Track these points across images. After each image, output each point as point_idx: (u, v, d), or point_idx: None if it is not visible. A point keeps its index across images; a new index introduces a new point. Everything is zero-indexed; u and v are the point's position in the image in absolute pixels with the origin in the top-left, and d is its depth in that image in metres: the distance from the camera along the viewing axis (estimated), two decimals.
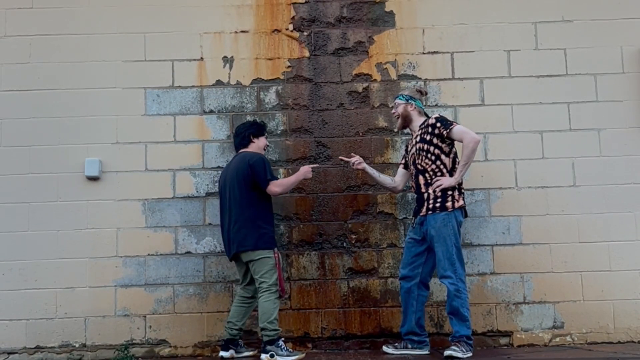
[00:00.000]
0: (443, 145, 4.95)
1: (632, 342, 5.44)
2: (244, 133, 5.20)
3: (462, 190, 4.99)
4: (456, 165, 4.98)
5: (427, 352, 5.02)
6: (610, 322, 5.47)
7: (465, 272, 5.01)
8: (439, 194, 4.90)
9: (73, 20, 5.72)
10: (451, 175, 4.95)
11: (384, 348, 5.15)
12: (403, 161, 5.32)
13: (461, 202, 4.92)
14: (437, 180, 4.92)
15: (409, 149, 5.18)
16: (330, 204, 5.61)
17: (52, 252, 5.49)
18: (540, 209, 5.59)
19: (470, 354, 4.74)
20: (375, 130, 5.68)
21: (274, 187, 5.01)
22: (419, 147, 4.99)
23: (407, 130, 5.31)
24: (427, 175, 4.97)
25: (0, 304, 5.43)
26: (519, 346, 5.44)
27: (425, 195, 4.96)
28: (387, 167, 5.62)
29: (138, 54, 5.71)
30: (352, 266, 5.55)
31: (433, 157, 4.95)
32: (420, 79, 5.72)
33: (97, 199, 5.56)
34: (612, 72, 5.71)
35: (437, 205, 4.89)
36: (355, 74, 5.74)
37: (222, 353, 5.06)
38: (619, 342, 5.44)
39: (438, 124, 4.94)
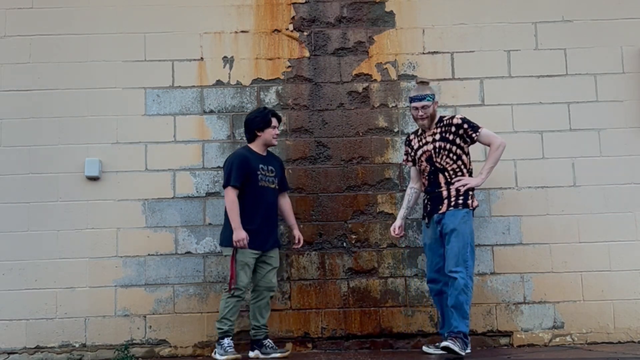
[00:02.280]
0: (465, 146, 4.96)
1: (632, 342, 5.44)
2: (249, 127, 5.17)
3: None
4: (471, 165, 5.00)
5: (469, 351, 4.87)
6: (610, 322, 5.47)
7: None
8: (462, 191, 4.89)
9: (73, 20, 5.72)
10: (470, 174, 4.97)
11: (424, 348, 5.15)
12: (410, 159, 5.18)
13: (476, 203, 4.95)
14: (461, 180, 4.89)
15: (417, 145, 5.08)
16: (330, 204, 5.61)
17: (52, 252, 5.49)
18: (540, 209, 5.59)
19: (466, 351, 4.73)
20: (375, 130, 5.68)
21: (225, 195, 5.02)
22: (440, 146, 4.95)
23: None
24: (446, 174, 4.94)
25: (0, 304, 5.43)
26: (519, 346, 5.44)
27: (445, 193, 4.92)
28: (387, 167, 5.62)
29: (138, 54, 5.71)
30: (352, 266, 5.55)
31: (455, 157, 4.94)
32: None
33: (97, 199, 5.56)
34: (612, 72, 5.71)
35: (460, 201, 4.87)
36: (355, 74, 5.74)
37: (250, 353, 5.08)
38: (619, 342, 5.44)
39: (465, 126, 4.93)
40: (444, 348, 4.68)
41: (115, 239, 5.52)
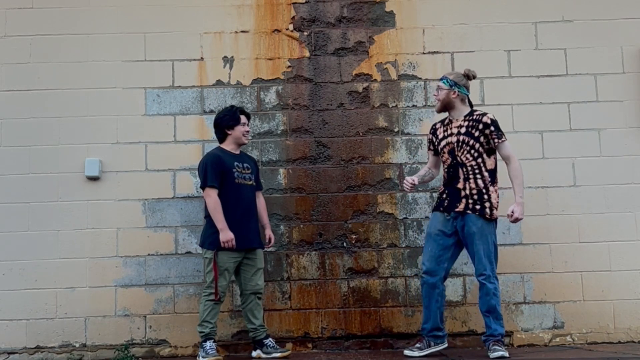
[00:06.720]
0: (487, 147, 4.85)
1: (632, 342, 5.45)
2: (219, 126, 5.17)
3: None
4: (497, 168, 4.87)
5: (446, 345, 4.90)
6: (610, 322, 5.48)
7: None
8: (475, 192, 4.79)
9: (73, 20, 5.72)
10: (491, 174, 4.83)
11: (407, 352, 4.88)
12: (433, 148, 5.08)
13: (496, 214, 4.83)
14: (514, 215, 4.77)
15: (442, 135, 4.96)
16: (330, 204, 5.61)
17: (52, 252, 5.49)
18: (540, 209, 5.59)
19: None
20: (375, 130, 5.68)
21: (207, 197, 5.00)
22: (463, 140, 4.84)
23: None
24: (464, 169, 4.82)
25: (0, 304, 5.43)
26: (519, 346, 5.45)
27: (463, 192, 4.81)
28: (387, 167, 5.62)
29: (138, 54, 5.71)
30: (352, 266, 5.55)
31: (476, 154, 4.82)
32: (420, 79, 5.72)
33: (97, 199, 5.56)
34: (612, 72, 5.71)
35: (478, 207, 4.76)
36: (356, 74, 5.74)
37: (253, 353, 5.12)
38: (619, 342, 5.44)
39: (492, 128, 4.81)
40: (499, 358, 4.60)
41: (115, 239, 5.52)
